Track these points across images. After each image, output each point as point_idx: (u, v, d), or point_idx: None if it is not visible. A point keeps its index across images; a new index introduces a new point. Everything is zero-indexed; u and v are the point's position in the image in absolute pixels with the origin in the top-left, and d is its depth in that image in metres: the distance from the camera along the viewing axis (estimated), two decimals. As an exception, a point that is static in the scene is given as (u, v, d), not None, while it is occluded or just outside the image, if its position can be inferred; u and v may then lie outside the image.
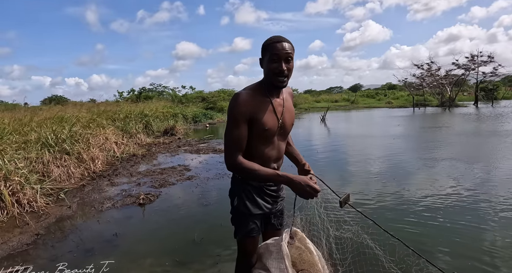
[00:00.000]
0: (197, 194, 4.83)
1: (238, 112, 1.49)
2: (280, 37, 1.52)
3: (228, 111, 1.55)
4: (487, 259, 2.69)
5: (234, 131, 1.51)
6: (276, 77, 1.52)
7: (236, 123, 1.50)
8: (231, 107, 1.51)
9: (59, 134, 6.50)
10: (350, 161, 6.99)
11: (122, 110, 12.41)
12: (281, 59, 1.49)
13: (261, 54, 1.57)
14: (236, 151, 1.51)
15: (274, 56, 1.49)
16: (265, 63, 1.54)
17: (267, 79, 1.56)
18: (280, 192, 1.79)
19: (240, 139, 1.51)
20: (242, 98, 1.51)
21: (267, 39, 1.55)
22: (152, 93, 30.77)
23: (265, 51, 1.53)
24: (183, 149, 9.09)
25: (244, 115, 1.50)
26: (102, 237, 3.47)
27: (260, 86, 1.59)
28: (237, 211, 1.69)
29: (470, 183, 4.78)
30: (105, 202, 4.56)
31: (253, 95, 1.54)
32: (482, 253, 2.80)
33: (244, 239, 1.70)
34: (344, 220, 2.58)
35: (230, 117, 1.52)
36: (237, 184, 1.70)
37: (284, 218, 1.90)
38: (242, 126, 1.51)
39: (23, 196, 4.29)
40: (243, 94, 1.52)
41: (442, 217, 3.57)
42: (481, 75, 29.43)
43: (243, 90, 1.56)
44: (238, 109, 1.49)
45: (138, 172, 6.35)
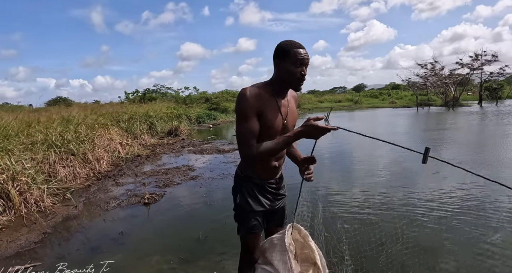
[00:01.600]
0: (201, 193, 4.88)
1: (248, 106, 1.51)
2: (299, 44, 1.56)
3: (236, 106, 1.55)
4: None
5: (245, 124, 1.52)
6: (298, 81, 1.58)
7: (246, 117, 1.52)
8: (240, 101, 1.53)
9: (65, 134, 6.58)
10: (355, 161, 7.02)
11: (126, 111, 12.51)
12: (303, 64, 1.55)
13: (278, 57, 1.58)
14: (251, 143, 1.51)
15: (298, 61, 1.53)
16: (285, 66, 1.55)
17: (284, 81, 1.59)
18: (281, 190, 1.83)
19: (252, 131, 1.52)
20: (250, 92, 1.53)
21: (287, 43, 1.56)
22: (156, 94, 30.91)
23: (287, 55, 1.54)
24: (187, 150, 9.16)
25: (253, 109, 1.52)
26: (108, 235, 3.53)
27: (267, 86, 1.61)
28: (239, 207, 1.73)
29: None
30: (111, 201, 4.63)
31: (260, 92, 1.55)
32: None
33: (246, 235, 1.74)
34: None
35: (240, 111, 1.53)
36: (240, 181, 1.74)
37: (286, 216, 1.94)
38: (253, 119, 1.52)
39: (30, 196, 4.36)
40: (250, 89, 1.54)
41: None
42: (486, 74, 29.30)
43: (250, 86, 1.57)
44: (247, 103, 1.51)
45: (143, 172, 6.42)
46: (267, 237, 1.95)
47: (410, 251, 2.75)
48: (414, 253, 2.73)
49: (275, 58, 1.59)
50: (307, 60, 1.55)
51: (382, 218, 3.53)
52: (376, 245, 2.77)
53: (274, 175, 1.76)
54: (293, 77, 1.56)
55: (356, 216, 3.67)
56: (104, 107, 14.90)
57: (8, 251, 3.23)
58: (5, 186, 4.18)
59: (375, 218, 3.54)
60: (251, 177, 1.71)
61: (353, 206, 4.01)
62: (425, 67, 31.92)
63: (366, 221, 3.43)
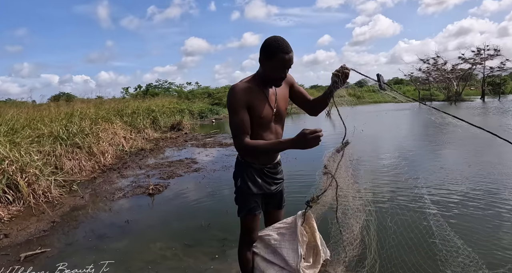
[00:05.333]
0: (204, 184, 5.01)
1: (236, 100, 1.65)
2: (288, 46, 1.60)
3: (227, 102, 1.70)
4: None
5: (236, 117, 1.66)
6: (277, 81, 1.70)
7: (236, 110, 1.65)
8: (229, 97, 1.67)
9: (70, 128, 6.73)
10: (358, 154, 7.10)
11: (129, 106, 12.64)
12: (286, 68, 1.66)
13: (264, 55, 1.65)
14: (242, 134, 1.65)
15: (281, 66, 1.63)
16: (268, 66, 1.65)
17: (266, 78, 1.70)
18: (279, 174, 1.95)
19: (243, 122, 1.65)
20: (238, 88, 1.67)
21: (275, 45, 1.59)
22: (159, 89, 31.01)
23: (272, 58, 1.61)
24: (189, 144, 9.29)
25: (242, 102, 1.65)
26: (114, 223, 3.66)
27: (254, 79, 1.74)
28: (240, 190, 1.86)
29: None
30: (116, 192, 4.76)
31: (248, 86, 1.69)
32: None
33: (246, 216, 1.86)
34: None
35: (230, 106, 1.68)
36: (240, 166, 1.87)
37: (284, 199, 2.05)
38: (242, 112, 1.66)
39: (38, 187, 4.50)
40: (238, 85, 1.69)
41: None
42: (488, 69, 29.14)
43: (239, 82, 1.72)
44: (236, 97, 1.65)
45: (147, 165, 6.55)
46: (266, 220, 2.07)
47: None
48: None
49: (260, 54, 1.67)
50: (290, 65, 1.65)
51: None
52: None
53: (272, 160, 1.88)
54: (273, 77, 1.68)
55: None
56: (106, 102, 15.02)
57: (18, 238, 3.37)
58: (14, 177, 4.32)
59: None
60: (250, 162, 1.82)
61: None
62: (427, 62, 31.79)
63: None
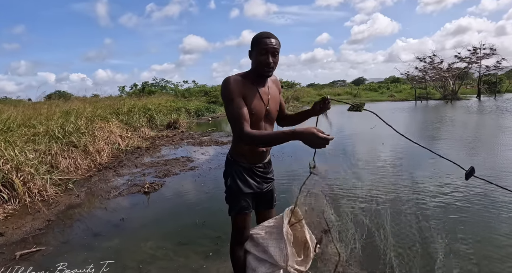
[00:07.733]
0: (199, 183, 5.04)
1: (232, 90, 1.65)
2: (269, 33, 1.69)
3: (222, 94, 1.70)
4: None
5: (234, 105, 1.63)
6: (264, 68, 1.70)
7: (233, 99, 1.64)
8: (224, 87, 1.67)
9: (66, 127, 6.73)
10: (355, 153, 7.15)
11: (125, 104, 12.61)
12: (269, 53, 1.67)
13: (251, 47, 1.73)
14: (243, 121, 1.59)
15: (263, 50, 1.67)
16: (254, 55, 1.71)
17: (255, 69, 1.73)
18: (269, 174, 1.97)
19: (241, 110, 1.62)
20: (232, 79, 1.68)
21: (257, 34, 1.71)
22: (155, 88, 30.93)
23: (255, 45, 1.69)
24: (186, 142, 9.30)
25: (237, 92, 1.65)
26: (109, 222, 3.69)
27: (248, 75, 1.75)
28: (230, 190, 1.88)
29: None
30: (112, 191, 4.78)
31: (242, 80, 1.70)
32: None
33: (236, 215, 1.89)
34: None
35: (227, 96, 1.66)
36: (230, 165, 1.89)
37: (275, 199, 2.08)
38: (239, 101, 1.65)
39: (33, 185, 4.51)
40: (233, 76, 1.70)
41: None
42: (484, 68, 29.26)
43: (232, 75, 1.73)
44: (231, 87, 1.65)
45: (143, 164, 6.57)
46: (258, 219, 2.10)
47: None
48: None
49: (250, 49, 1.74)
50: (272, 49, 1.66)
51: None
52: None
53: (262, 159, 1.90)
54: (260, 64, 1.70)
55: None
56: (102, 100, 14.98)
57: (14, 237, 3.38)
58: (9, 176, 4.33)
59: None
60: (240, 162, 1.85)
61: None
62: (423, 61, 31.86)
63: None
